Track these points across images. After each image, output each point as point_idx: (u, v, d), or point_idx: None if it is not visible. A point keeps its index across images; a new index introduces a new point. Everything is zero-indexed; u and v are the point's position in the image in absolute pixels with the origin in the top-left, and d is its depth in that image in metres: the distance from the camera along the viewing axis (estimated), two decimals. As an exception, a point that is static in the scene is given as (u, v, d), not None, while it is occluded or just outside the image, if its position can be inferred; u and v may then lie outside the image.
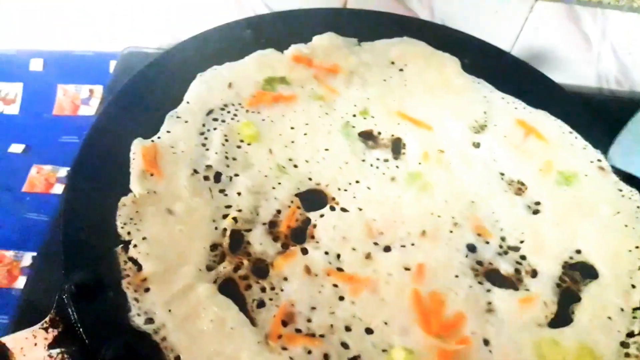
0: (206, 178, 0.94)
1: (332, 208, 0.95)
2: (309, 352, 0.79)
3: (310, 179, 0.98)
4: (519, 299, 0.88)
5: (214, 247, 0.87)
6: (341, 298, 0.85)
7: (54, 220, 1.09)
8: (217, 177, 0.95)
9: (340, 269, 0.88)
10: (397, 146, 1.05)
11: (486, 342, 0.83)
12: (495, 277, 0.91)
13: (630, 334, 0.87)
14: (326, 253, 0.89)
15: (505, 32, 1.36)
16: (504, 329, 0.85)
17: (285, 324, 0.81)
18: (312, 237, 0.91)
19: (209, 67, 1.08)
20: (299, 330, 0.81)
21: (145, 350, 0.76)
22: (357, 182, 0.99)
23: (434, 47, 1.19)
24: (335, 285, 0.86)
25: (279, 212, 0.93)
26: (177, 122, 0.99)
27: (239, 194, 0.93)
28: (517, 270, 0.92)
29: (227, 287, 0.84)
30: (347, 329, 0.82)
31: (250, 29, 1.15)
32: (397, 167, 1.02)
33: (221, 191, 0.93)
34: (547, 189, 1.02)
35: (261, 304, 0.83)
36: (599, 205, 1.00)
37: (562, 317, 0.88)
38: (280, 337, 0.79)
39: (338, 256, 0.89)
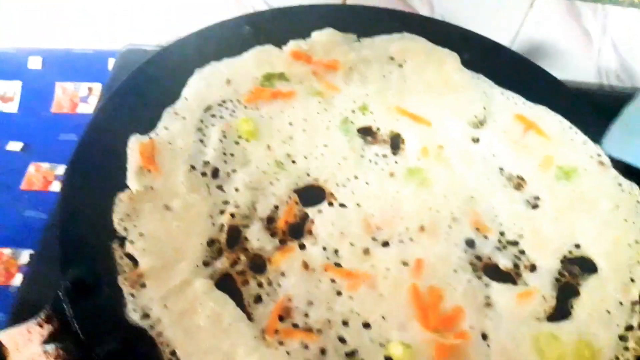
0: (204, 174, 0.94)
1: (330, 204, 0.95)
2: (306, 347, 0.79)
3: (308, 174, 0.98)
4: (517, 293, 0.88)
5: (211, 243, 0.87)
6: (339, 293, 0.84)
7: (52, 217, 1.09)
8: (215, 173, 0.94)
9: (338, 264, 0.88)
10: (396, 142, 1.05)
11: (484, 337, 0.83)
12: (494, 272, 0.91)
13: (629, 328, 0.86)
14: (324, 248, 0.89)
15: (505, 27, 1.35)
16: (503, 324, 0.84)
17: (282, 319, 0.81)
18: (310, 232, 0.91)
19: (207, 63, 1.07)
20: (296, 325, 0.81)
21: (141, 345, 0.76)
22: (355, 177, 0.98)
23: (433, 43, 1.18)
24: (333, 281, 0.86)
25: (276, 207, 0.93)
26: (175, 119, 0.98)
27: (237, 189, 0.93)
28: (515, 265, 0.91)
29: (224, 283, 0.84)
30: (345, 323, 0.82)
31: (249, 26, 1.14)
32: (396, 162, 1.02)
33: (219, 187, 0.93)
34: (547, 183, 1.01)
35: (258, 299, 0.83)
36: (598, 200, 0.99)
37: (561, 311, 0.87)
38: (277, 332, 0.79)
39: (336, 251, 0.89)
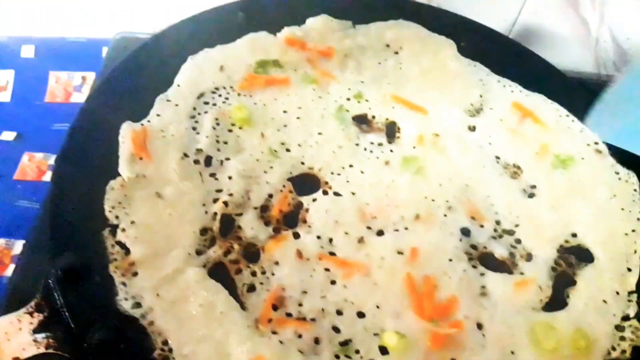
0: (196, 162, 0.93)
1: (325, 192, 0.94)
2: (300, 336, 0.78)
3: (302, 163, 0.97)
4: (513, 282, 0.87)
5: (204, 232, 0.86)
6: (333, 282, 0.84)
7: (44, 207, 1.08)
8: (208, 161, 0.93)
9: (332, 253, 0.87)
10: (391, 130, 1.04)
11: (479, 326, 0.82)
12: (489, 261, 0.90)
13: (626, 318, 0.86)
14: (318, 237, 0.88)
15: (503, 15, 1.34)
16: (498, 313, 0.84)
17: (275, 308, 0.80)
18: (304, 221, 0.90)
19: (200, 49, 1.06)
20: (289, 315, 0.80)
21: (133, 334, 0.75)
22: (350, 166, 0.97)
23: (430, 30, 1.17)
24: (327, 270, 0.85)
25: (270, 196, 0.92)
26: (167, 106, 0.98)
27: (230, 178, 0.92)
28: (511, 254, 0.91)
29: (217, 272, 0.83)
30: (339, 313, 0.81)
31: (243, 12, 1.13)
32: (391, 151, 1.01)
33: (212, 175, 0.92)
34: (543, 172, 1.00)
35: (251, 289, 0.82)
36: (595, 189, 0.99)
37: (557, 301, 0.87)
38: (270, 321, 0.79)
39: (330, 240, 0.88)
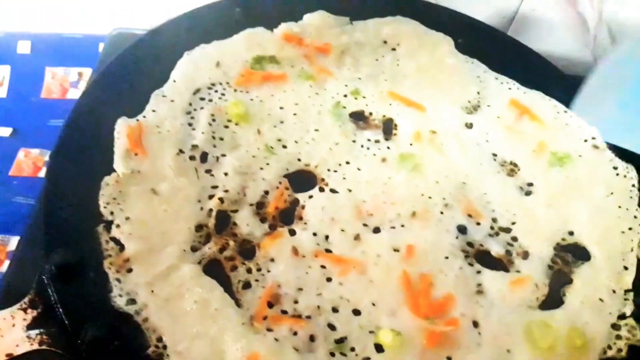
0: (192, 158, 0.92)
1: (321, 189, 0.93)
2: (295, 334, 0.77)
3: (299, 159, 0.96)
4: (509, 280, 0.86)
5: (199, 228, 0.86)
6: (329, 279, 0.83)
7: (39, 202, 1.07)
8: (204, 157, 0.93)
9: (328, 250, 0.86)
10: (388, 127, 1.03)
11: (475, 324, 0.82)
12: (486, 259, 0.89)
13: (622, 316, 0.85)
14: (314, 234, 0.88)
15: (501, 12, 1.34)
16: (494, 311, 0.83)
17: (271, 305, 0.80)
18: (301, 218, 0.90)
19: (196, 45, 1.06)
20: (284, 312, 0.80)
21: (127, 331, 0.74)
22: (347, 163, 0.97)
23: (427, 27, 1.17)
24: (323, 267, 0.84)
25: (266, 193, 0.91)
26: (163, 101, 0.97)
27: (226, 174, 0.91)
28: (508, 252, 0.90)
29: (212, 268, 0.82)
30: (334, 310, 0.81)
31: (240, 7, 1.12)
32: (388, 148, 1.00)
33: (207, 171, 0.92)
34: (540, 170, 1.00)
35: (247, 285, 0.81)
36: (592, 186, 0.98)
37: (553, 299, 0.86)
38: (265, 318, 0.78)
39: (326, 237, 0.88)
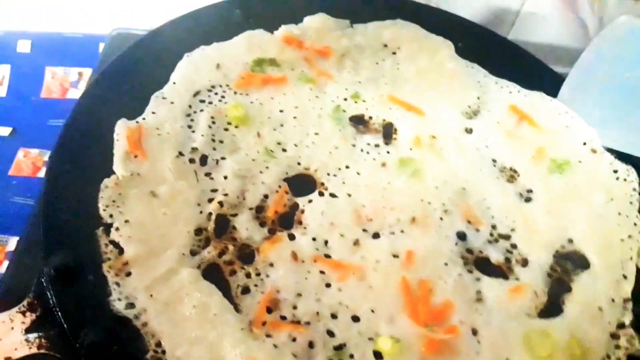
0: (192, 161, 0.92)
1: (321, 193, 0.93)
2: (294, 340, 0.77)
3: (299, 163, 0.96)
4: (508, 288, 0.86)
5: (198, 232, 0.85)
6: (328, 285, 0.83)
7: (38, 204, 1.07)
8: (203, 160, 0.93)
9: (327, 256, 0.86)
10: (388, 131, 1.03)
11: (474, 332, 0.82)
12: (485, 266, 0.89)
13: (621, 325, 0.85)
14: (314, 239, 0.87)
15: (501, 16, 1.34)
16: (493, 319, 0.83)
17: (270, 310, 0.79)
18: (300, 222, 0.89)
19: (196, 47, 1.05)
20: (283, 317, 0.79)
21: (126, 335, 0.74)
22: (346, 167, 0.97)
23: (428, 31, 1.17)
24: (322, 272, 0.84)
25: (266, 196, 0.91)
26: (162, 103, 0.97)
27: (226, 177, 0.91)
28: (507, 259, 0.90)
29: (211, 273, 0.82)
30: (333, 316, 0.80)
31: (240, 9, 1.12)
32: (388, 152, 1.00)
33: (207, 174, 0.91)
34: (539, 176, 1.00)
35: (246, 290, 0.81)
36: (592, 193, 0.98)
37: (553, 307, 0.86)
38: (264, 324, 0.78)
39: (326, 242, 0.87)
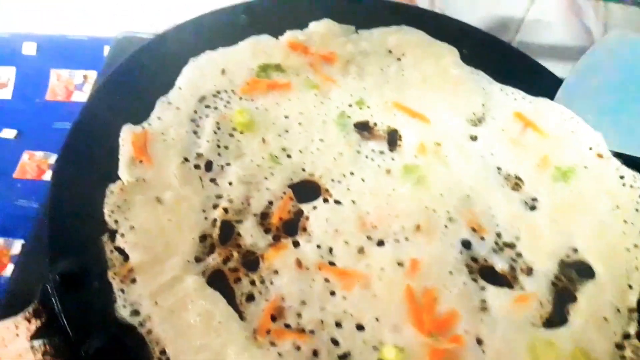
0: (197, 166, 0.92)
1: (326, 200, 0.93)
2: (298, 348, 0.77)
3: (303, 169, 0.96)
4: (513, 297, 0.86)
5: (203, 238, 0.85)
6: (332, 293, 0.83)
7: (43, 207, 1.07)
8: (208, 166, 0.93)
9: (332, 263, 0.86)
10: (393, 138, 1.03)
11: (479, 342, 0.81)
12: (490, 275, 0.89)
13: (626, 336, 0.85)
14: (318, 246, 0.87)
15: (506, 23, 1.34)
16: (498, 329, 0.83)
17: (274, 318, 0.79)
18: (304, 229, 0.89)
19: (202, 52, 1.05)
20: (288, 326, 0.79)
21: (131, 342, 0.74)
22: (351, 173, 0.96)
23: (432, 37, 1.17)
24: (327, 280, 0.84)
25: (270, 203, 0.91)
26: (168, 108, 0.97)
27: (230, 183, 0.91)
28: (512, 268, 0.90)
29: (216, 280, 0.82)
30: (338, 325, 0.80)
31: (246, 14, 1.12)
32: (392, 159, 1.00)
33: (212, 180, 0.91)
34: (544, 184, 0.99)
35: (250, 298, 0.81)
36: (597, 200, 0.98)
37: (557, 317, 0.86)
38: (268, 332, 0.78)
39: (330, 250, 0.87)
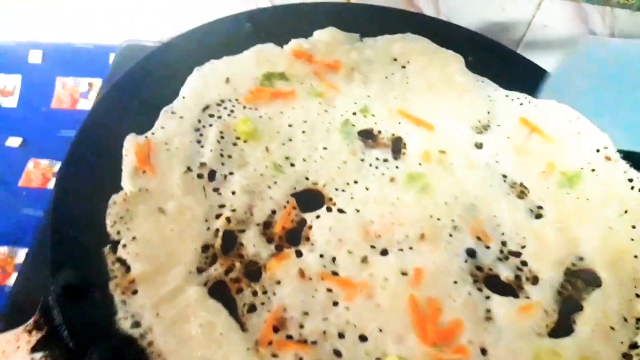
0: (200, 176, 0.92)
1: (329, 209, 0.92)
2: (300, 360, 0.77)
3: (307, 178, 0.96)
4: (518, 306, 0.85)
5: (205, 248, 0.85)
6: (335, 303, 0.82)
7: (46, 218, 1.07)
8: (212, 175, 0.92)
9: (335, 273, 0.85)
10: (397, 146, 1.03)
11: (484, 352, 0.80)
12: (494, 284, 0.88)
13: (634, 346, 0.84)
14: (321, 256, 0.87)
15: (511, 29, 1.33)
16: (503, 338, 0.82)
17: (276, 329, 0.79)
18: (308, 239, 0.89)
19: (206, 60, 1.05)
20: (290, 337, 0.78)
21: (131, 355, 0.74)
22: (355, 182, 0.96)
23: (438, 44, 1.16)
24: (330, 290, 0.83)
25: (274, 212, 0.90)
26: (172, 118, 0.97)
27: (234, 193, 0.91)
28: (517, 277, 0.89)
29: (218, 290, 0.82)
30: (340, 335, 0.80)
31: (250, 23, 1.12)
32: (396, 167, 0.99)
33: (215, 190, 0.91)
34: (550, 192, 0.99)
35: (252, 309, 0.80)
36: (605, 205, 0.97)
37: (563, 326, 0.85)
38: (270, 343, 0.77)
39: (333, 259, 0.87)
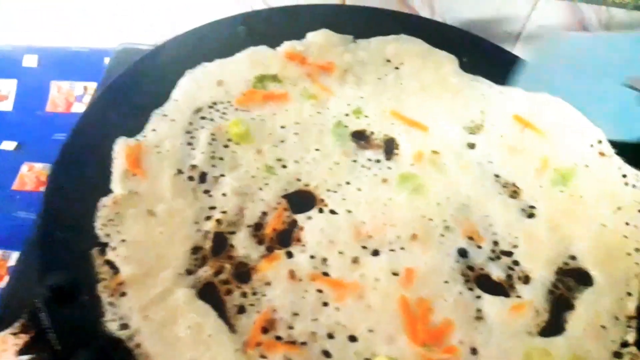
0: (191, 178, 0.92)
1: (321, 210, 0.92)
2: (289, 360, 0.76)
3: (299, 179, 0.95)
4: (510, 306, 0.85)
5: (195, 250, 0.85)
6: (325, 304, 0.82)
7: (38, 219, 1.07)
8: (202, 178, 0.92)
9: (326, 274, 0.85)
10: (390, 146, 1.02)
11: (474, 351, 0.80)
12: (486, 283, 0.88)
13: (625, 344, 0.83)
14: (312, 257, 0.86)
15: (507, 30, 1.33)
16: (493, 338, 0.82)
17: (265, 330, 0.78)
18: (298, 240, 0.88)
19: (199, 63, 1.05)
20: (279, 338, 0.78)
21: (119, 357, 0.73)
22: (347, 183, 0.96)
23: (432, 45, 1.16)
24: (320, 291, 0.83)
25: (264, 214, 0.90)
26: (163, 121, 0.97)
27: (224, 195, 0.91)
28: (509, 276, 0.89)
29: (207, 292, 0.81)
30: (330, 336, 0.79)
31: (244, 25, 1.12)
32: (389, 168, 0.99)
33: (206, 192, 0.91)
34: (543, 190, 0.98)
35: (241, 310, 0.80)
36: (598, 202, 0.96)
37: (555, 325, 0.85)
38: (259, 344, 0.77)
39: (324, 260, 0.86)
